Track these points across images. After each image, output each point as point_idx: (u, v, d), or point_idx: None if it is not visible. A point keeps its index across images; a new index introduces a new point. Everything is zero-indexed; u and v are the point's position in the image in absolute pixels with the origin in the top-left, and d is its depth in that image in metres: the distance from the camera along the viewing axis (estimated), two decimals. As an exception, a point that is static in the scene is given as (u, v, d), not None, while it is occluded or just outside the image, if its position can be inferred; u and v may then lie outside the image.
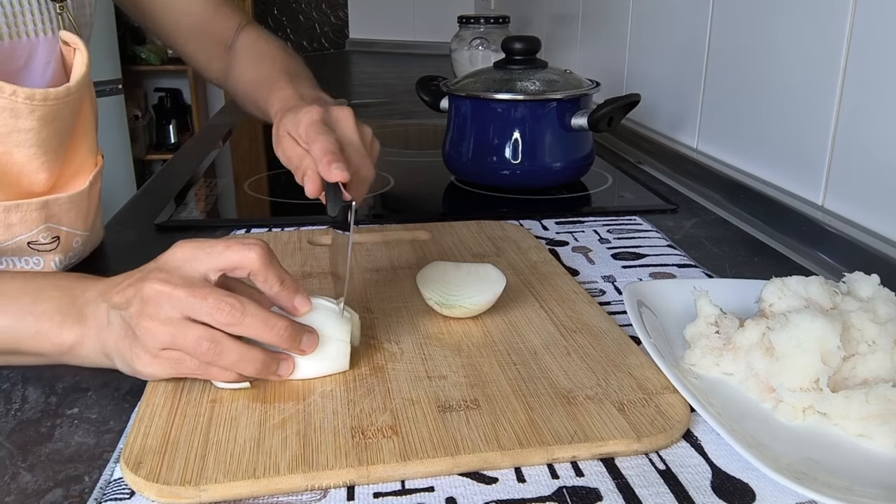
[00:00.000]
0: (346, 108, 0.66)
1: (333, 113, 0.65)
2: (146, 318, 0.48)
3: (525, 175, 0.98)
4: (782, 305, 0.54)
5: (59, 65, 0.68)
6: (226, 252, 0.50)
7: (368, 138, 0.67)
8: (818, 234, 0.79)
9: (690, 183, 1.06)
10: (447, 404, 0.49)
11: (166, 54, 3.99)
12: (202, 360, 0.49)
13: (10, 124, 0.61)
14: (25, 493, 0.43)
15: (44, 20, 0.66)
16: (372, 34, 3.09)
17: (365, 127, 0.67)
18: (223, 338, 0.49)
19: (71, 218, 0.70)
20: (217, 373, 0.50)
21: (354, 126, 0.65)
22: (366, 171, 0.64)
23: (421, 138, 1.42)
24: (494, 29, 1.89)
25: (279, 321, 0.50)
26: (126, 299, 0.50)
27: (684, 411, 0.49)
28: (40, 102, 0.62)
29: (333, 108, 0.65)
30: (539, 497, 0.42)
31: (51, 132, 0.64)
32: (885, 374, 0.49)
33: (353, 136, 0.64)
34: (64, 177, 0.70)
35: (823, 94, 0.82)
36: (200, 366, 0.49)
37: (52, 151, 0.66)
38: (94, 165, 0.73)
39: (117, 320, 0.50)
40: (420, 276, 0.62)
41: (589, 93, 0.99)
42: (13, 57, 0.64)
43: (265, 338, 0.49)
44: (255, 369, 0.50)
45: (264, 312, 0.49)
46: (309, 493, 0.43)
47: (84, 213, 0.71)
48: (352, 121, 0.65)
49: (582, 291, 0.67)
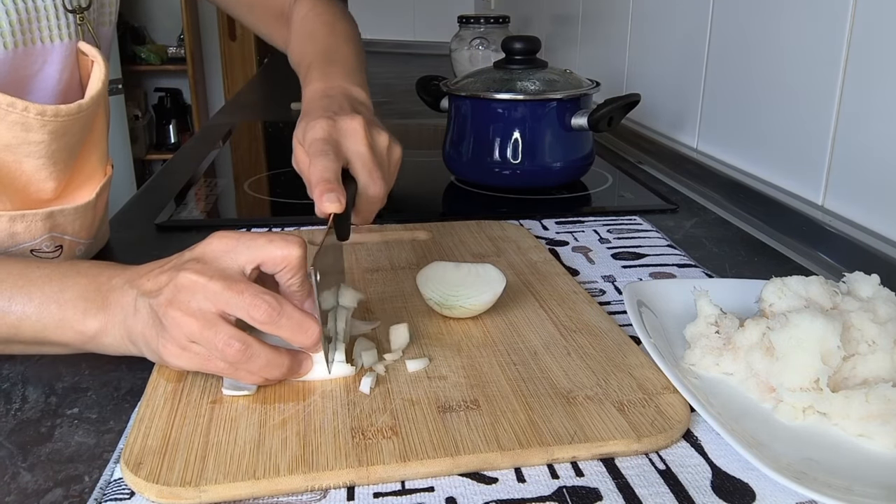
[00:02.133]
0: (357, 117, 0.62)
1: (342, 124, 0.62)
2: (175, 307, 0.47)
3: (525, 175, 0.98)
4: (782, 305, 0.54)
5: (75, 73, 0.68)
6: (268, 246, 0.49)
7: (383, 148, 0.63)
8: (818, 233, 0.79)
9: (690, 183, 1.06)
10: (447, 405, 0.49)
11: (166, 54, 3.99)
12: (229, 361, 0.48)
13: (21, 136, 0.61)
14: (25, 493, 0.43)
15: (59, 26, 0.66)
16: (372, 34, 3.09)
17: (379, 135, 0.63)
18: (254, 342, 0.48)
19: (76, 227, 0.69)
20: (244, 375, 0.49)
21: (364, 137, 0.61)
22: (374, 188, 0.61)
23: (421, 138, 1.42)
24: (494, 29, 1.89)
25: (313, 324, 0.49)
26: (158, 287, 0.49)
27: (684, 411, 0.49)
28: (51, 118, 0.61)
29: (342, 120, 0.62)
30: (539, 497, 0.42)
31: (61, 145, 0.64)
32: (885, 374, 0.49)
33: (363, 149, 0.61)
34: (72, 186, 0.69)
35: (823, 94, 0.82)
36: (228, 367, 0.48)
37: (61, 162, 0.65)
38: (104, 175, 0.73)
39: (145, 308, 0.49)
40: (420, 277, 0.62)
41: (589, 93, 0.99)
42: (27, 63, 0.64)
43: (297, 340, 0.49)
44: (281, 373, 0.50)
45: (299, 313, 0.49)
46: (309, 493, 0.43)
47: (89, 222, 0.71)
48: (361, 132, 0.61)
49: (582, 291, 0.67)
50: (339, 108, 0.65)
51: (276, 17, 0.91)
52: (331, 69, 0.75)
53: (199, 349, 0.48)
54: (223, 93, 4.22)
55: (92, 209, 0.71)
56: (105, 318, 0.52)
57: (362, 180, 0.61)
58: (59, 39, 0.66)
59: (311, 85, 0.72)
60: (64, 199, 0.68)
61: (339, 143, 0.61)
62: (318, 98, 0.69)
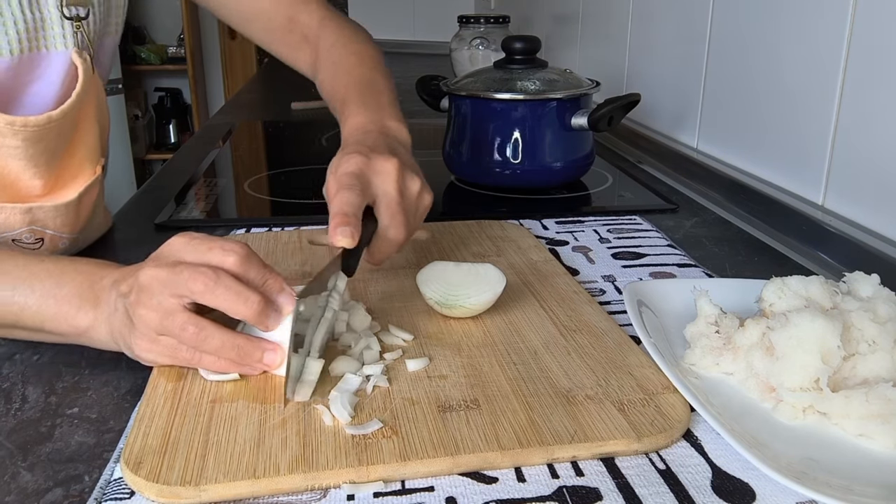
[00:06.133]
0: (392, 158, 0.61)
1: (376, 164, 0.61)
2: (140, 305, 0.50)
3: (525, 175, 0.98)
4: (782, 305, 0.54)
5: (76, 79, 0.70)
6: (207, 254, 0.52)
7: (413, 193, 0.62)
8: (818, 233, 0.79)
9: (690, 182, 1.06)
10: (447, 404, 0.49)
11: (166, 54, 3.99)
12: (189, 344, 0.51)
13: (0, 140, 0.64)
14: (25, 493, 0.43)
15: (65, 34, 0.68)
16: (372, 33, 3.09)
17: (412, 180, 0.62)
18: (207, 324, 0.51)
19: (57, 224, 0.71)
20: (209, 361, 0.51)
21: (396, 180, 0.60)
22: (394, 232, 0.60)
23: (421, 138, 1.42)
24: (494, 28, 1.89)
25: (252, 294, 0.50)
26: (129, 288, 0.52)
27: (684, 411, 0.49)
28: (20, 128, 0.65)
29: (377, 159, 0.61)
30: (539, 497, 0.42)
31: (39, 149, 0.67)
32: (886, 373, 0.49)
33: (392, 190, 0.60)
34: (60, 183, 0.71)
35: (824, 94, 0.82)
36: (193, 354, 0.51)
37: (43, 165, 0.68)
38: (93, 174, 0.74)
39: (122, 308, 0.53)
40: (420, 276, 0.62)
41: (589, 92, 0.99)
42: (30, 68, 0.67)
43: (238, 310, 0.50)
44: (237, 354, 0.51)
45: (238, 285, 0.50)
46: (309, 493, 0.43)
47: (72, 220, 0.72)
48: (394, 174, 0.60)
49: (582, 291, 0.67)
50: (376, 146, 0.64)
51: (284, 32, 0.89)
52: (368, 103, 0.74)
53: (166, 341, 0.51)
54: (223, 92, 4.22)
55: (75, 207, 0.72)
56: (95, 315, 0.54)
57: (384, 221, 0.60)
58: (65, 48, 0.68)
59: (350, 119, 0.71)
60: (53, 194, 0.71)
61: (370, 180, 0.60)
62: (357, 133, 0.68)
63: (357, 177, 0.59)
